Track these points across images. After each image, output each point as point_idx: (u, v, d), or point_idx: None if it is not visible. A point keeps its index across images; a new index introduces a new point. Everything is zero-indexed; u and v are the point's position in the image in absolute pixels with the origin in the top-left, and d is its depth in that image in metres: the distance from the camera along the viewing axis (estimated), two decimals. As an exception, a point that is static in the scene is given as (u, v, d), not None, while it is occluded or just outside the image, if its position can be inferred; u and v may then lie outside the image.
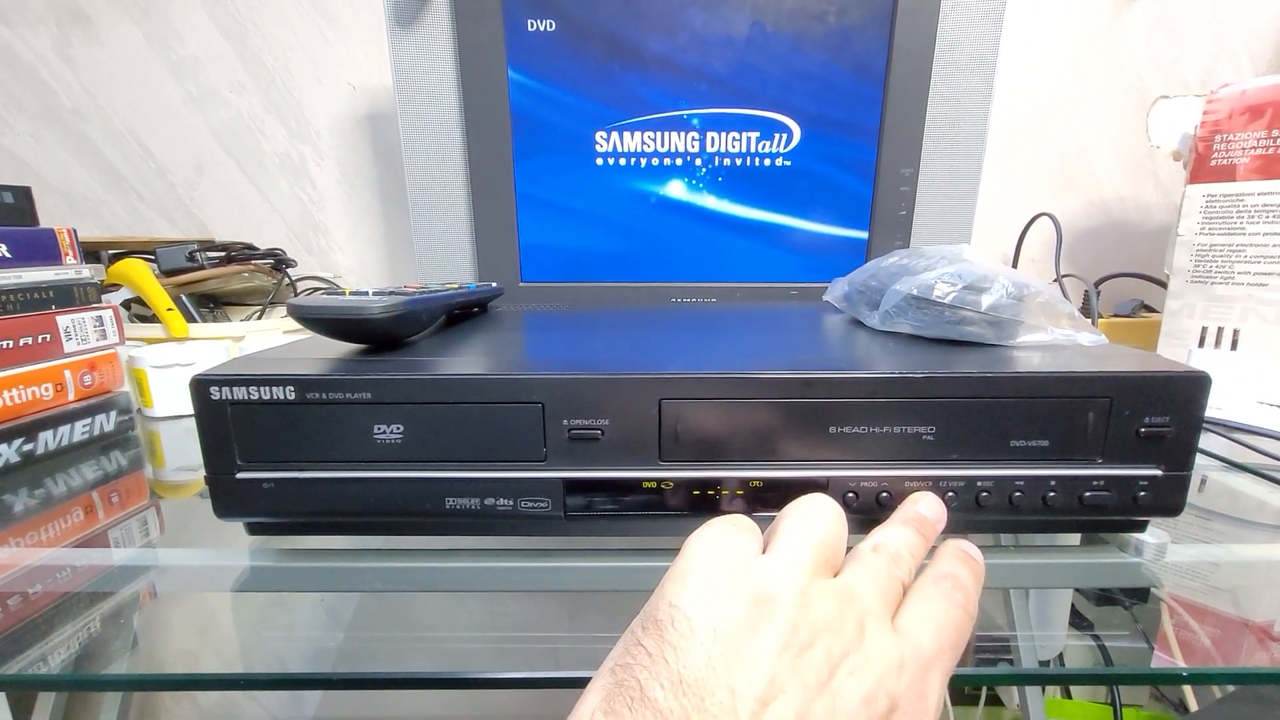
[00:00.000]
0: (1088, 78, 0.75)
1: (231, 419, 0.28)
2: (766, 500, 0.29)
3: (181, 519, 0.38)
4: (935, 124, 0.58)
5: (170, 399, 0.51)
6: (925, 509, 0.25)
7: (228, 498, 0.29)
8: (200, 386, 0.28)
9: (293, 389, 0.28)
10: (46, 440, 0.43)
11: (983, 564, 0.23)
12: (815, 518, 0.22)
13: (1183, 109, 0.55)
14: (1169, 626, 0.29)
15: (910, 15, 0.55)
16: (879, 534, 0.23)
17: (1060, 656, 0.29)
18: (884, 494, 0.29)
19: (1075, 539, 0.33)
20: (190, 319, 0.62)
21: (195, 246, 0.64)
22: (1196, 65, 0.74)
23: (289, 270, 0.71)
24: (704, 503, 0.29)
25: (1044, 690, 0.73)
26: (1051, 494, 0.28)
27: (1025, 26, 0.74)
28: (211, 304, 0.70)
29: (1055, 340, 0.33)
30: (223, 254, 0.67)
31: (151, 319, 0.60)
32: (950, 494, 0.28)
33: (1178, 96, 0.55)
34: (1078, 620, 0.30)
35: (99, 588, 0.30)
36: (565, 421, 0.28)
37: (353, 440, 0.28)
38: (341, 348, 0.33)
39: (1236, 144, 0.49)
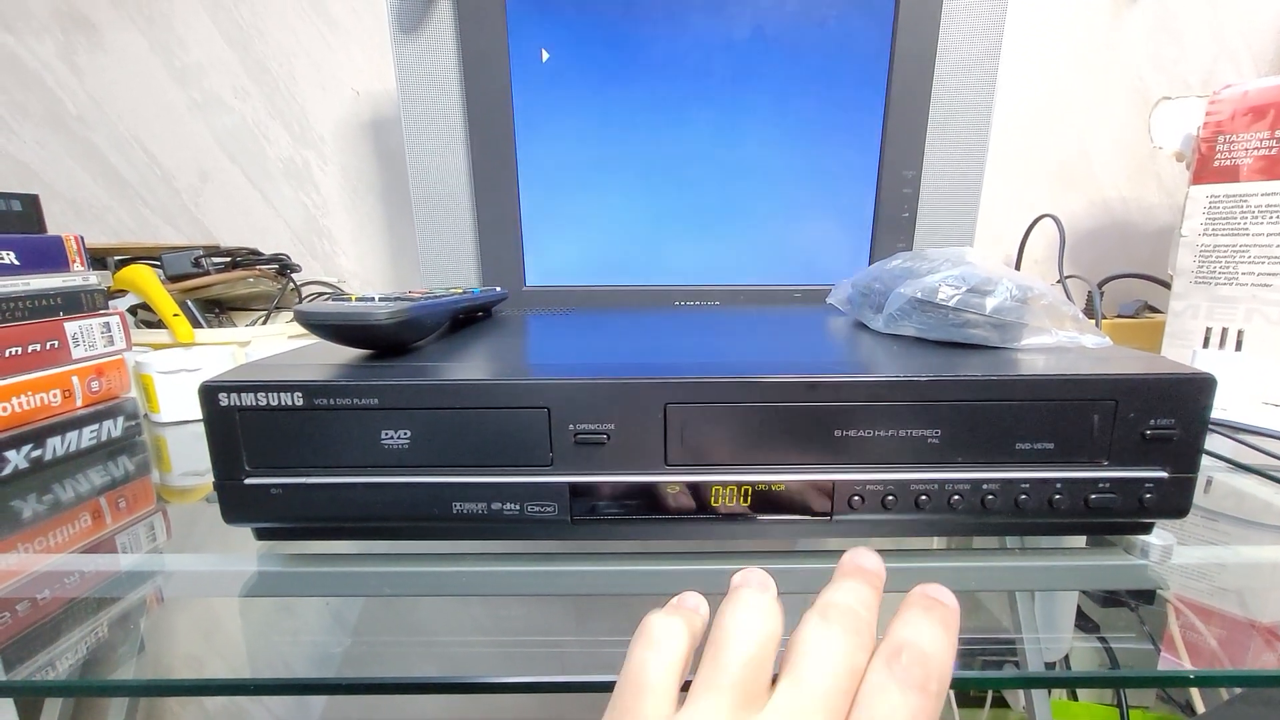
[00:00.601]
0: (1089, 78, 0.75)
1: (240, 425, 0.28)
2: (771, 504, 0.29)
3: (188, 524, 0.38)
4: (937, 126, 0.58)
5: (177, 404, 0.52)
6: (865, 562, 0.23)
7: (236, 503, 0.29)
8: (209, 393, 0.28)
9: (301, 395, 0.28)
10: (55, 446, 0.43)
11: (954, 606, 0.21)
12: (737, 638, 0.19)
13: (1185, 110, 0.55)
14: (1175, 628, 0.29)
15: (912, 17, 0.55)
16: (829, 594, 0.21)
17: (1066, 658, 0.29)
18: (889, 497, 0.29)
19: (1081, 540, 0.33)
20: (196, 324, 0.62)
21: (200, 252, 0.64)
22: (1197, 65, 0.74)
23: (294, 275, 0.72)
24: (709, 507, 0.29)
25: (1050, 691, 0.73)
26: (1057, 496, 0.28)
27: (1026, 27, 0.74)
28: (217, 309, 0.71)
29: (1059, 342, 0.33)
30: (228, 259, 0.67)
31: (158, 325, 0.60)
32: (956, 497, 0.29)
33: (1180, 97, 0.55)
34: (1083, 622, 0.30)
35: (106, 593, 0.30)
36: (571, 426, 0.28)
37: (360, 446, 0.29)
38: (348, 353, 0.33)
39: (1239, 145, 0.49)
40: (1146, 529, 0.31)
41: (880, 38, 0.56)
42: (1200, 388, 0.27)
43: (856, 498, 0.29)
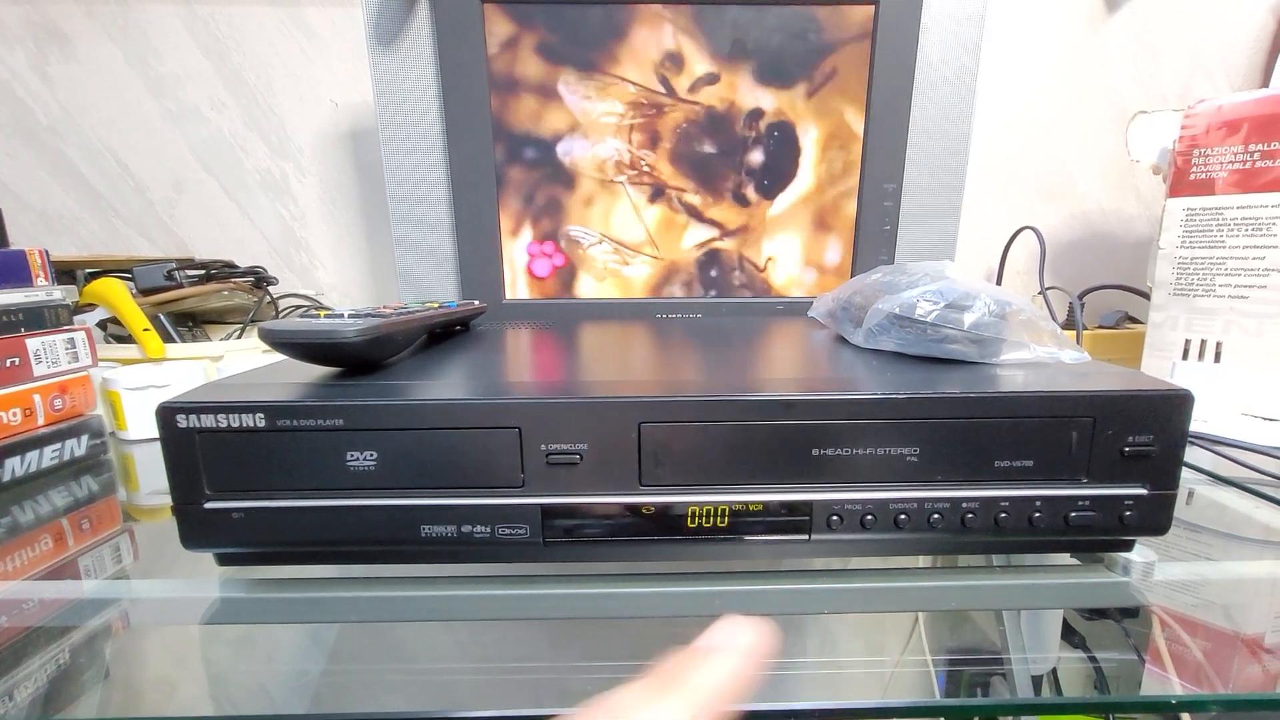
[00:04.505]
0: (1068, 91, 0.76)
1: (200, 448, 0.27)
2: (748, 525, 0.28)
3: (158, 544, 0.37)
4: (917, 139, 0.58)
5: (145, 421, 0.50)
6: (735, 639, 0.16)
7: (196, 528, 0.28)
8: (167, 414, 0.27)
9: (263, 416, 0.27)
10: (14, 467, 0.42)
11: (750, 644, 0.16)
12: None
13: (1161, 124, 0.55)
14: (1161, 644, 0.28)
15: (890, 30, 0.55)
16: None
17: (1054, 673, 0.29)
18: (868, 516, 0.28)
19: (1064, 557, 0.33)
20: (168, 339, 0.61)
21: (173, 265, 0.63)
22: (1173, 79, 0.75)
23: (270, 288, 0.71)
24: (684, 527, 0.28)
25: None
26: (1037, 514, 0.28)
27: (1006, 41, 0.74)
28: (190, 322, 0.69)
29: (1038, 358, 0.32)
30: (202, 272, 0.66)
31: (128, 339, 0.59)
32: (935, 515, 0.28)
33: (1156, 111, 0.56)
34: (1069, 634, 0.30)
35: (67, 620, 0.29)
36: (543, 446, 0.27)
37: (325, 468, 0.28)
38: (316, 371, 0.32)
39: (1214, 158, 0.50)
40: (1128, 546, 0.30)
41: (859, 50, 0.56)
42: (1178, 404, 0.27)
43: (835, 517, 0.28)
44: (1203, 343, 0.51)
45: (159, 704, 0.25)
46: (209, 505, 0.28)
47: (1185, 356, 0.52)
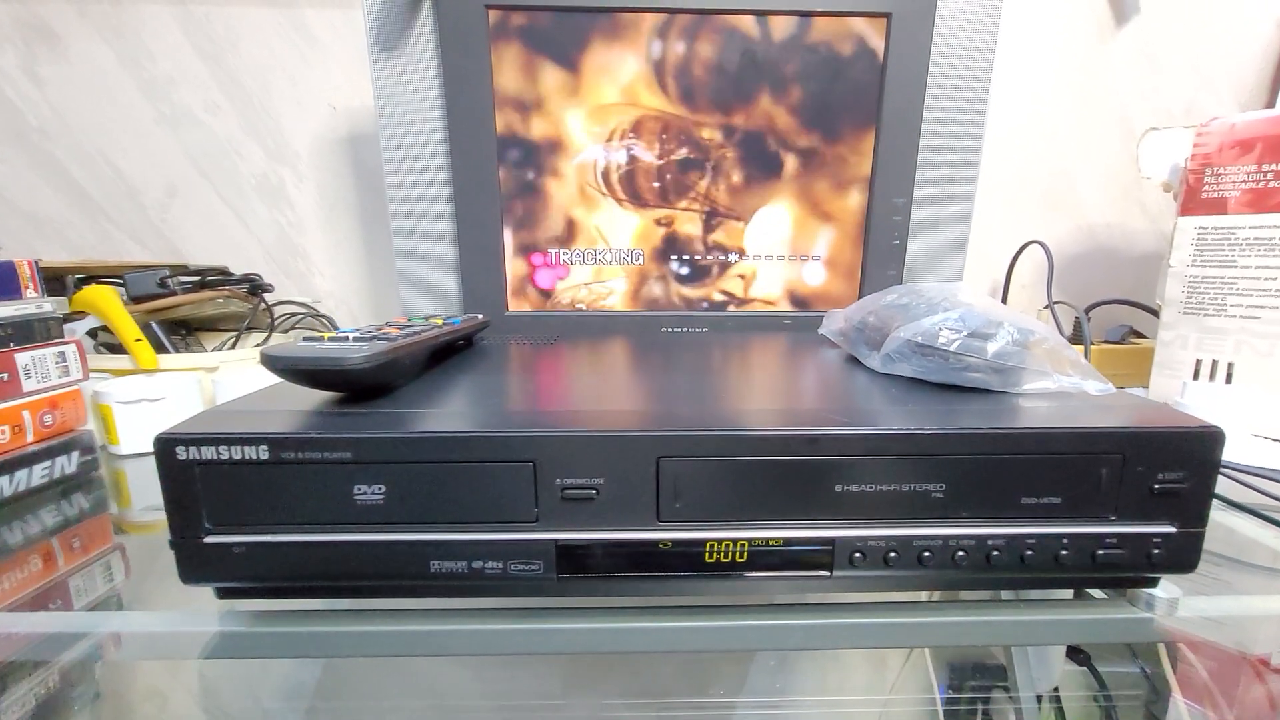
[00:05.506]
0: (1074, 104, 0.76)
1: (200, 480, 0.26)
2: (768, 561, 0.28)
3: (149, 562, 0.36)
4: (928, 153, 0.58)
5: (138, 436, 0.49)
6: None
7: (195, 563, 0.27)
8: (165, 446, 0.26)
9: (266, 448, 0.26)
10: (2, 486, 0.40)
11: None
12: None
13: (1172, 141, 0.55)
14: (1174, 685, 0.28)
15: (902, 45, 0.55)
16: None
17: (1055, 690, 0.28)
18: (892, 554, 0.27)
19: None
20: (161, 348, 0.59)
21: (166, 272, 0.61)
22: (1179, 94, 0.75)
23: (266, 295, 0.69)
24: (703, 563, 0.28)
25: (1040, 707, 0.72)
26: (1064, 552, 0.27)
27: (1013, 54, 0.74)
28: (184, 330, 0.68)
29: (1061, 387, 0.32)
30: (196, 279, 0.65)
31: (119, 348, 0.58)
32: (960, 553, 0.27)
33: (1167, 128, 0.55)
34: (1073, 651, 0.29)
35: (50, 654, 0.28)
36: (558, 481, 0.27)
37: (331, 501, 0.27)
38: (320, 396, 0.31)
39: (1227, 177, 0.49)
40: (1153, 582, 0.30)
41: (871, 65, 0.56)
42: (1209, 441, 0.26)
43: (858, 554, 0.27)
44: (1214, 363, 0.51)
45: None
46: (209, 539, 0.27)
47: (1196, 376, 0.52)
